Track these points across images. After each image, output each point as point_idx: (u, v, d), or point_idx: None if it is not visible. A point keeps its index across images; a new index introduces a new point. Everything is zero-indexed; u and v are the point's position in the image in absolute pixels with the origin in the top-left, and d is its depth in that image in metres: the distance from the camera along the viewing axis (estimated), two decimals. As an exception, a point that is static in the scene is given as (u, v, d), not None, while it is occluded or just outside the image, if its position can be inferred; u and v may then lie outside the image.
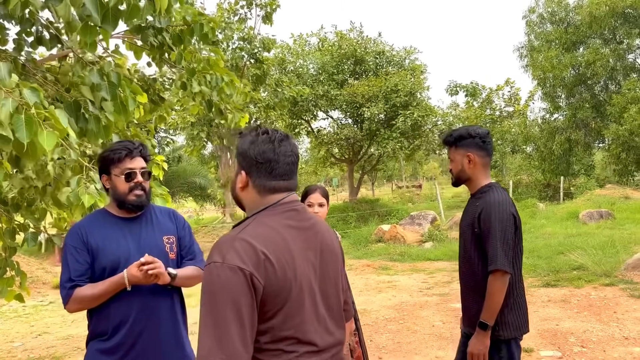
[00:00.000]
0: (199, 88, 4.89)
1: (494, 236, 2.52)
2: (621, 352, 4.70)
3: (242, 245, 1.46)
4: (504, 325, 2.58)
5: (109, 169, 2.35)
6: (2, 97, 2.39)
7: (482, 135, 2.71)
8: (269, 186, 1.61)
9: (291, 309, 1.52)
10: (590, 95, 24.90)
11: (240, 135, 1.73)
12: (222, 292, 1.41)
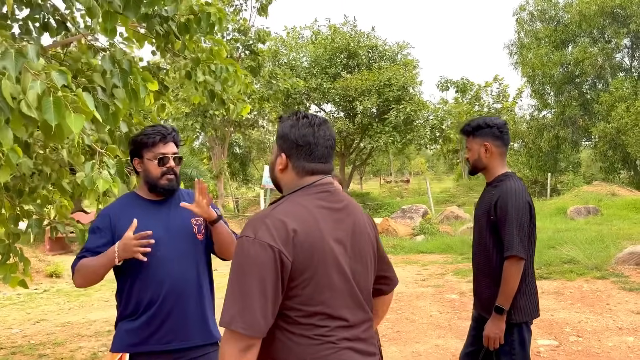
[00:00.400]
0: (203, 77, 4.91)
1: (510, 223, 2.61)
2: (616, 341, 4.84)
3: (273, 222, 1.53)
4: (516, 309, 2.67)
5: (141, 153, 2.38)
6: (30, 79, 2.43)
7: (499, 126, 2.79)
8: (308, 168, 1.67)
9: (319, 285, 1.58)
10: (578, 93, 25.20)
11: (281, 119, 1.79)
12: (251, 266, 1.49)
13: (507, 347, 2.69)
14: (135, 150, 2.43)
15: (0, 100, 2.35)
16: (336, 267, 1.62)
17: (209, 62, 4.93)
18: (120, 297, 2.32)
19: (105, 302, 7.79)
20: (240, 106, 5.76)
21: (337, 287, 1.62)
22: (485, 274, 2.79)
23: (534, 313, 2.75)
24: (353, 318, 1.67)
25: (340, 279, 1.63)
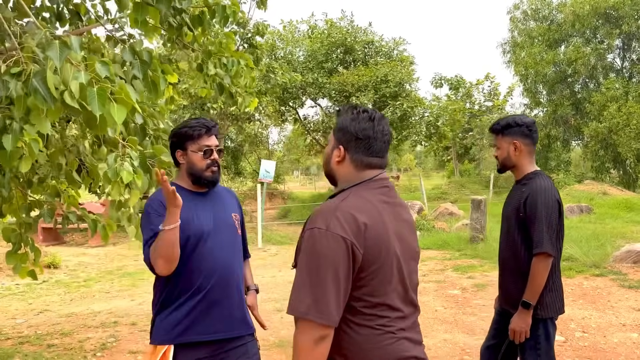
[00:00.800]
0: (214, 70, 4.91)
1: (540, 220, 2.66)
2: (621, 337, 4.93)
3: (344, 215, 1.57)
4: (542, 305, 2.74)
5: (185, 145, 2.40)
6: (72, 70, 2.43)
7: (528, 124, 2.85)
8: (366, 162, 1.72)
9: (384, 277, 1.63)
10: (570, 93, 25.46)
11: (339, 112, 1.83)
12: (325, 257, 1.53)
13: (532, 341, 2.75)
14: (179, 143, 2.44)
15: (44, 90, 2.35)
16: (397, 261, 1.68)
17: (220, 55, 4.93)
18: (164, 287, 2.32)
19: (106, 294, 7.78)
20: (248, 99, 5.78)
21: (395, 280, 1.68)
22: (513, 270, 2.84)
23: (559, 309, 2.82)
24: (406, 310, 1.73)
25: (397, 273, 1.68)
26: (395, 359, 1.64)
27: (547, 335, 2.78)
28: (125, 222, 4.31)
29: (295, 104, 17.65)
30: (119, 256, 11.79)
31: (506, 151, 2.86)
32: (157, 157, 3.70)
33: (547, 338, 2.77)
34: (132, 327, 5.83)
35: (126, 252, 12.22)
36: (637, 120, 19.48)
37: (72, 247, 13.42)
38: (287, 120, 18.99)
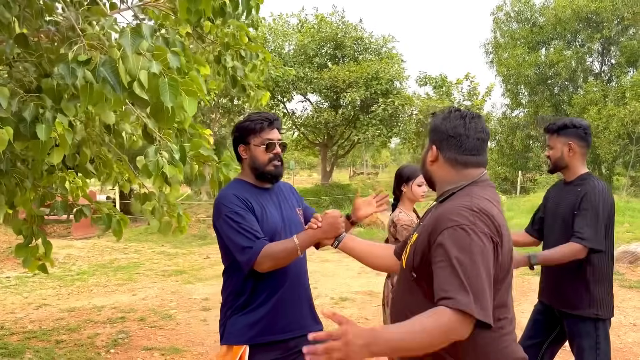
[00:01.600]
0: (232, 63, 4.83)
1: (594, 215, 2.68)
2: (634, 337, 5.03)
3: (483, 217, 1.53)
4: (603, 306, 2.77)
5: (247, 139, 2.33)
6: (141, 60, 2.34)
7: (584, 127, 2.88)
8: (460, 160, 1.70)
9: (509, 279, 1.64)
10: (550, 94, 25.87)
11: (434, 114, 1.83)
12: (479, 254, 1.47)
13: (592, 341, 2.78)
14: (241, 137, 2.38)
15: (114, 79, 2.26)
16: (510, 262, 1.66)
17: (237, 47, 4.85)
18: (239, 289, 2.25)
19: (103, 288, 7.61)
20: (260, 93, 5.71)
21: (510, 281, 1.67)
22: (570, 271, 2.85)
23: (612, 311, 2.85)
24: (512, 311, 1.71)
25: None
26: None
27: (606, 335, 2.81)
28: (149, 215, 4.20)
29: (285, 98, 17.54)
30: (107, 249, 11.55)
31: (560, 151, 2.87)
32: (194, 151, 3.63)
33: (606, 338, 2.80)
34: (141, 322, 5.71)
35: (114, 245, 11.98)
36: (616, 123, 19.90)
37: (56, 239, 13.09)
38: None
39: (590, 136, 2.92)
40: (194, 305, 6.38)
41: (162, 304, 6.53)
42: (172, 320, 5.79)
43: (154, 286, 7.60)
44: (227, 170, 3.54)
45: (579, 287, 2.79)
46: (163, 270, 8.89)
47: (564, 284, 2.89)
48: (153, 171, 3.14)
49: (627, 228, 12.22)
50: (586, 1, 23.62)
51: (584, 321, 2.81)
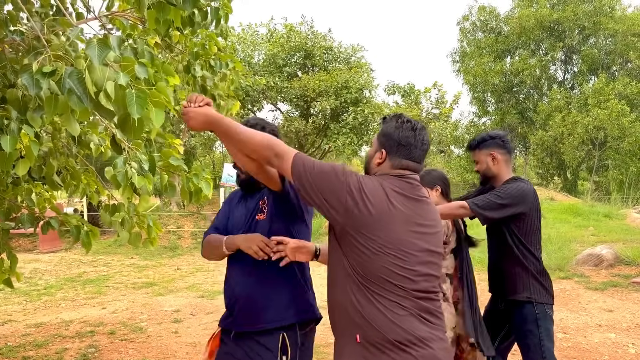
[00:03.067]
0: (201, 72, 4.83)
1: (497, 196, 2.88)
2: (600, 337, 5.16)
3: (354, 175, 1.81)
4: (536, 291, 2.96)
5: None
6: (108, 71, 2.33)
7: (501, 136, 3.09)
8: (404, 164, 1.89)
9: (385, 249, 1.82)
10: (516, 102, 26.42)
11: (384, 119, 2.01)
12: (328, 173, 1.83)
13: (534, 325, 2.95)
14: None
15: (80, 91, 2.24)
16: (401, 244, 1.79)
17: (207, 57, 4.86)
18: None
19: (72, 302, 7.46)
20: (230, 102, 5.70)
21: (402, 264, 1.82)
22: (505, 260, 3.00)
23: (549, 298, 3.05)
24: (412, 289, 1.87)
25: (404, 256, 1.80)
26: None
27: (546, 317, 2.97)
28: (118, 227, 4.16)
29: (255, 107, 17.49)
30: (75, 262, 11.33)
31: (485, 163, 3.06)
32: (164, 161, 3.60)
33: (545, 319, 2.96)
34: (111, 336, 5.61)
35: (82, 258, 11.76)
36: (580, 130, 20.42)
37: (21, 254, 12.77)
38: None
39: (509, 143, 3.12)
40: (165, 317, 6.30)
41: (132, 316, 6.43)
42: (143, 333, 5.71)
43: (124, 299, 7.48)
44: (198, 180, 3.52)
45: (512, 278, 2.97)
46: (133, 283, 8.76)
47: (500, 281, 3.05)
48: (122, 182, 3.11)
49: (592, 232, 12.52)
50: (549, 11, 24.27)
51: (523, 305, 2.94)
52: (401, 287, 1.74)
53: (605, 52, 24.58)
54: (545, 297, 2.95)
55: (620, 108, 19.79)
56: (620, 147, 20.20)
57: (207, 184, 3.67)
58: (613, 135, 19.95)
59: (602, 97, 20.66)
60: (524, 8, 25.23)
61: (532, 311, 2.91)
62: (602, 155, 21.01)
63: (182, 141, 4.96)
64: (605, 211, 15.67)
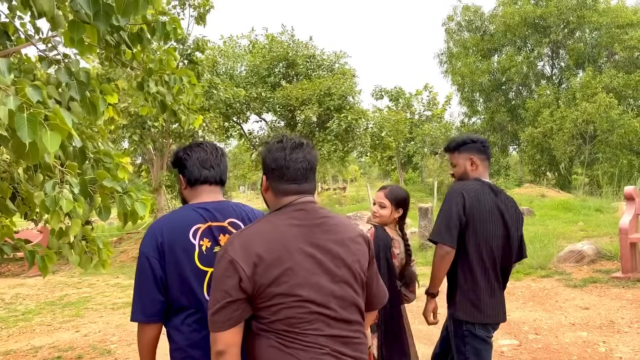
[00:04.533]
0: (156, 88, 4.77)
1: (441, 215, 2.79)
2: (571, 337, 5.06)
3: (241, 243, 1.71)
4: (461, 309, 2.86)
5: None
6: (1, 95, 2.26)
7: (482, 141, 2.97)
8: (281, 189, 1.81)
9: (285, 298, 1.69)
10: (505, 100, 26.43)
11: (265, 144, 1.92)
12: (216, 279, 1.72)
13: (459, 342, 2.87)
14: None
15: (-30, 116, 2.17)
16: (304, 279, 1.71)
17: (161, 72, 4.79)
18: None
19: (47, 327, 7.35)
20: (192, 117, 5.64)
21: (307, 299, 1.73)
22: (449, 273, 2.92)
23: (479, 317, 2.82)
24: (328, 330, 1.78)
25: (309, 292, 1.71)
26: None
27: (475, 340, 2.84)
28: (67, 250, 4.08)
29: (240, 119, 17.46)
30: (59, 284, 11.23)
31: (463, 167, 2.93)
32: (98, 182, 3.51)
33: (473, 342, 2.83)
34: (78, 361, 5.52)
35: (67, 280, 11.66)
36: (569, 124, 20.37)
37: (8, 279, 12.70)
38: (231, 136, 18.78)
39: (489, 149, 3.01)
40: (136, 339, 6.19)
41: (103, 339, 6.33)
42: (111, 356, 5.61)
43: (100, 321, 7.38)
44: (131, 202, 3.44)
45: (450, 287, 2.90)
46: (113, 304, 8.65)
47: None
48: (50, 207, 3.03)
49: (580, 227, 12.43)
50: (532, 7, 24.32)
51: (453, 321, 2.88)
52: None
53: (591, 45, 24.60)
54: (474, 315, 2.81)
55: (608, 101, 19.76)
56: (610, 140, 20.14)
57: (143, 205, 3.58)
58: (602, 129, 19.89)
59: (589, 91, 20.65)
60: (507, 6, 25.28)
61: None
62: (592, 149, 20.94)
63: (166, 156, 4.83)
64: (596, 205, 15.59)
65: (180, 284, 2.07)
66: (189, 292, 2.08)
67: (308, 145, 1.85)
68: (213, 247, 2.15)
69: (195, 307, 2.08)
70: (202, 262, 2.11)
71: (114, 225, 19.50)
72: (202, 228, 2.15)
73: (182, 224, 2.12)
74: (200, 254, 2.11)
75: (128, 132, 12.77)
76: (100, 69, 9.08)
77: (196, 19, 13.58)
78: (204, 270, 2.12)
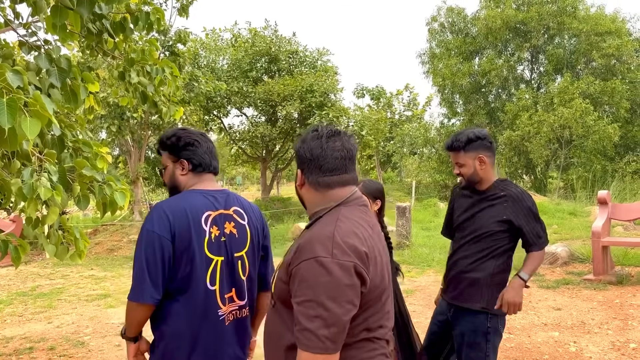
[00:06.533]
0: (137, 79, 4.73)
1: (535, 218, 2.78)
2: (543, 336, 5.15)
3: (343, 247, 1.48)
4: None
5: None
6: (-20, 79, 2.23)
7: (488, 137, 2.86)
8: (322, 182, 1.64)
9: (383, 300, 1.60)
10: (484, 102, 26.68)
11: (299, 136, 1.83)
12: (336, 290, 1.43)
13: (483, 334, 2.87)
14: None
15: (-52, 100, 2.13)
16: (389, 283, 1.65)
17: (143, 63, 4.75)
18: None
19: (18, 317, 7.24)
20: (172, 109, 5.60)
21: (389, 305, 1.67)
22: (472, 272, 2.89)
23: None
24: (388, 331, 1.69)
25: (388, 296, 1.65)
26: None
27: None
28: (44, 240, 4.03)
29: (220, 113, 17.35)
30: (32, 275, 11.05)
31: (472, 167, 2.82)
32: (77, 171, 3.47)
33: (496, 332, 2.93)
34: (50, 352, 5.44)
35: (40, 271, 11.48)
36: (546, 129, 20.64)
37: (-21, 268, 12.46)
38: (211, 130, 18.68)
39: (494, 144, 2.92)
40: (110, 330, 6.14)
41: (77, 330, 6.25)
42: (84, 348, 5.54)
43: (73, 312, 7.28)
44: (111, 191, 3.40)
45: (484, 293, 2.88)
46: (87, 295, 8.55)
47: (471, 292, 2.91)
48: (27, 194, 2.99)
49: (554, 230, 12.65)
50: (514, 12, 24.56)
51: (477, 315, 2.86)
52: None
53: (570, 51, 24.97)
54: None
55: (584, 107, 20.06)
56: (585, 146, 20.47)
57: (122, 195, 3.55)
58: (578, 134, 20.20)
59: (567, 96, 20.93)
60: (490, 9, 25.51)
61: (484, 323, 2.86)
62: (568, 154, 21.27)
63: (144, 148, 4.80)
64: (570, 209, 15.87)
65: (186, 269, 2.06)
66: (192, 278, 2.08)
67: (345, 134, 1.70)
68: (220, 236, 2.15)
69: (192, 294, 2.09)
70: (210, 249, 2.12)
71: (89, 217, 19.24)
72: (213, 215, 2.15)
73: (196, 209, 2.11)
74: (209, 241, 2.11)
75: (106, 123, 12.60)
76: (81, 57, 8.96)
77: (179, 10, 13.49)
78: (210, 258, 2.12)
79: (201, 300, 2.11)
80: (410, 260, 9.60)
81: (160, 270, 2.03)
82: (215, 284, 2.14)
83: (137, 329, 2.17)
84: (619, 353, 4.64)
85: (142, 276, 2.02)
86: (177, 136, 2.28)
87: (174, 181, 2.30)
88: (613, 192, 15.57)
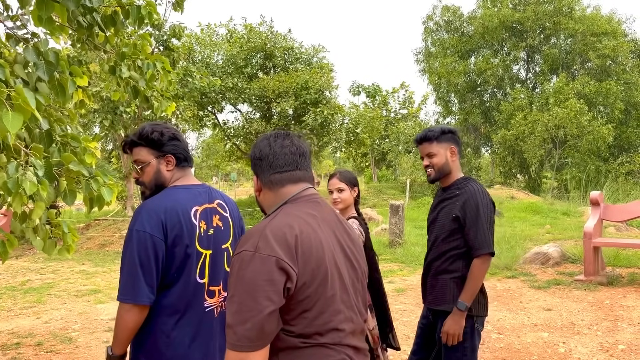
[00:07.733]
0: (128, 73, 4.68)
1: (482, 223, 2.67)
2: (533, 337, 5.15)
3: (273, 233, 1.45)
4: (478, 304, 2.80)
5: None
6: (-39, 71, 2.19)
7: (457, 132, 2.93)
8: (274, 179, 1.62)
9: (325, 293, 1.51)
10: (479, 101, 26.73)
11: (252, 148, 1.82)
12: (254, 283, 1.39)
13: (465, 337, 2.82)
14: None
15: None
16: (338, 277, 1.56)
17: (134, 57, 4.70)
18: None
19: (7, 312, 7.18)
20: (165, 104, 5.55)
21: (339, 296, 1.57)
22: (442, 274, 2.85)
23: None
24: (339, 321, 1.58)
25: (340, 288, 1.57)
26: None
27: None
28: (31, 234, 3.98)
29: (215, 108, 17.28)
30: (22, 270, 10.99)
31: (444, 157, 2.83)
32: (65, 165, 3.43)
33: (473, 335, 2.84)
34: (37, 348, 5.40)
35: (31, 266, 11.42)
36: (541, 128, 20.71)
37: (-31, 262, 12.38)
38: (205, 126, 18.60)
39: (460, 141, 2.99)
40: (99, 327, 6.10)
41: (65, 326, 6.21)
42: (72, 344, 5.50)
43: (62, 307, 7.24)
44: (98, 187, 3.37)
45: (453, 290, 2.82)
46: (77, 290, 8.50)
47: (442, 289, 2.87)
48: (12, 189, 2.94)
49: (547, 229, 12.68)
50: (511, 11, 24.61)
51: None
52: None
53: (566, 51, 25.05)
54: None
55: (578, 107, 20.13)
56: (579, 146, 20.55)
57: (109, 190, 3.50)
58: (572, 134, 20.27)
59: (562, 96, 21.01)
60: (486, 8, 25.55)
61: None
62: (562, 154, 21.34)
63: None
64: (563, 209, 15.91)
65: (179, 265, 2.05)
66: (183, 273, 2.06)
67: (295, 135, 1.70)
68: (208, 229, 2.15)
69: (181, 288, 2.07)
70: (200, 244, 2.10)
71: (82, 212, 19.16)
72: (200, 210, 2.15)
73: (184, 205, 2.09)
74: (199, 235, 2.10)
75: (99, 117, 12.53)
76: (72, 51, 8.88)
77: (173, 5, 13.38)
78: (200, 252, 2.11)
79: (190, 293, 2.10)
80: (403, 259, 9.58)
81: (154, 270, 2.00)
82: (204, 277, 2.13)
83: (128, 341, 2.06)
84: (608, 354, 4.64)
85: (135, 276, 1.97)
86: (160, 130, 2.24)
87: (159, 178, 2.24)
88: (606, 192, 15.61)
